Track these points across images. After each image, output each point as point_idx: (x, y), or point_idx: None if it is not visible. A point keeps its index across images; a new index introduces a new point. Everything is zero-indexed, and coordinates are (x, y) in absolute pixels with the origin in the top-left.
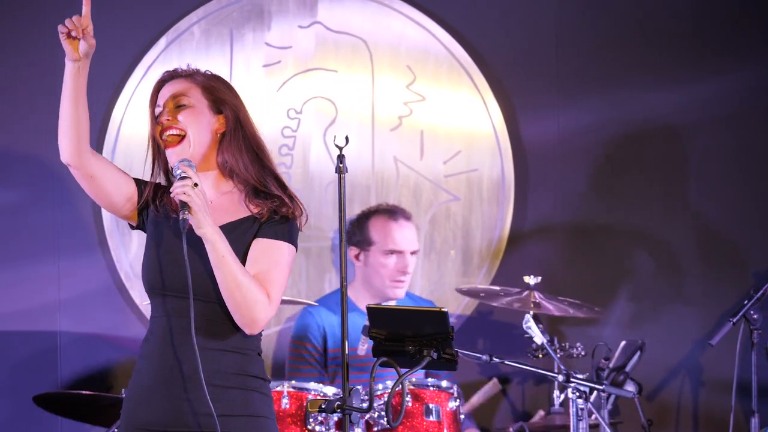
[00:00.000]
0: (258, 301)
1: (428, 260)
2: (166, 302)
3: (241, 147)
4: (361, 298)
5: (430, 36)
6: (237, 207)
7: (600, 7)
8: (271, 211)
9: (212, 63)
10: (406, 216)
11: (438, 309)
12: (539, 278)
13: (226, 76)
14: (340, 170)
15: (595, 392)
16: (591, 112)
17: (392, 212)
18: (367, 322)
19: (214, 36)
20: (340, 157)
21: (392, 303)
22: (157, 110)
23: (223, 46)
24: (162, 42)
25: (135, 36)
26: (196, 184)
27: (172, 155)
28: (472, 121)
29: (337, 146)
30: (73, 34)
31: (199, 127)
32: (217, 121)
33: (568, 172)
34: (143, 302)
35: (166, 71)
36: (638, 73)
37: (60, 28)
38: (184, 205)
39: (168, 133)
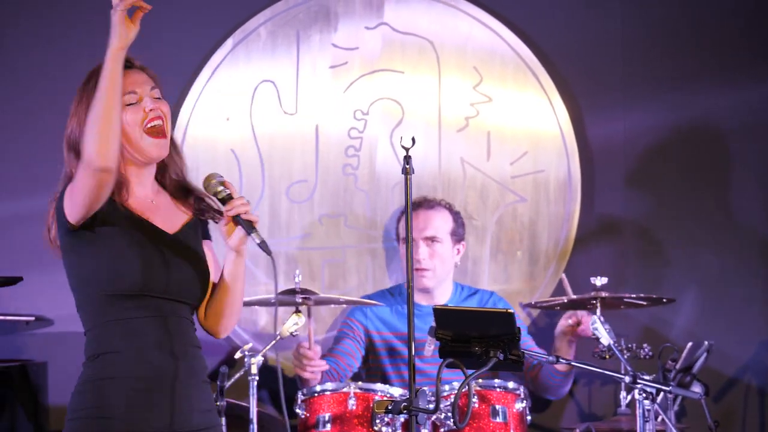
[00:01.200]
0: None
1: (495, 261)
2: (158, 304)
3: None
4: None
5: (497, 37)
6: (174, 207)
7: (665, 5)
8: (198, 211)
9: (279, 64)
10: (429, 205)
11: (504, 310)
12: (606, 279)
13: (292, 78)
14: (407, 171)
15: (661, 393)
16: (657, 112)
17: (416, 204)
18: (433, 323)
19: (281, 37)
20: (407, 159)
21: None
22: (133, 97)
23: (290, 47)
24: (229, 43)
25: (202, 37)
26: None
27: (155, 147)
28: (538, 121)
29: (403, 147)
30: (137, 4)
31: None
32: None
33: (635, 173)
34: None
35: (129, 58)
36: (707, 74)
37: (120, 3)
38: (251, 224)
39: (156, 123)
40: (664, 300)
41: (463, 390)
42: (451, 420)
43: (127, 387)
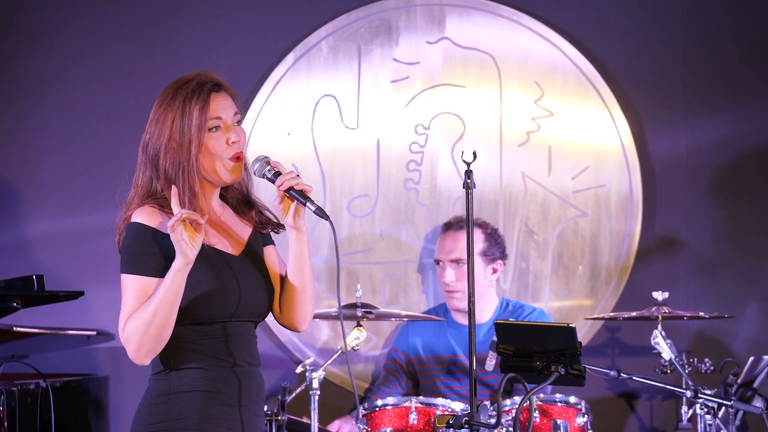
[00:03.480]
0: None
1: (556, 276)
2: (226, 326)
3: None
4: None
5: (558, 51)
6: (238, 222)
7: (726, 20)
8: (259, 225)
9: (340, 78)
10: (459, 226)
11: (566, 325)
12: (667, 293)
13: (354, 92)
14: (468, 186)
15: (723, 408)
16: (719, 127)
17: (448, 224)
18: (495, 338)
19: (342, 51)
20: (468, 173)
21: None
22: (218, 122)
23: (351, 62)
24: (290, 57)
25: (263, 52)
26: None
27: (233, 174)
28: (599, 136)
29: (464, 162)
30: (198, 220)
31: None
32: None
33: (697, 187)
34: None
35: (216, 80)
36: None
37: (184, 217)
38: (304, 194)
39: (239, 155)
40: (726, 316)
41: (525, 404)
42: None
43: (199, 401)
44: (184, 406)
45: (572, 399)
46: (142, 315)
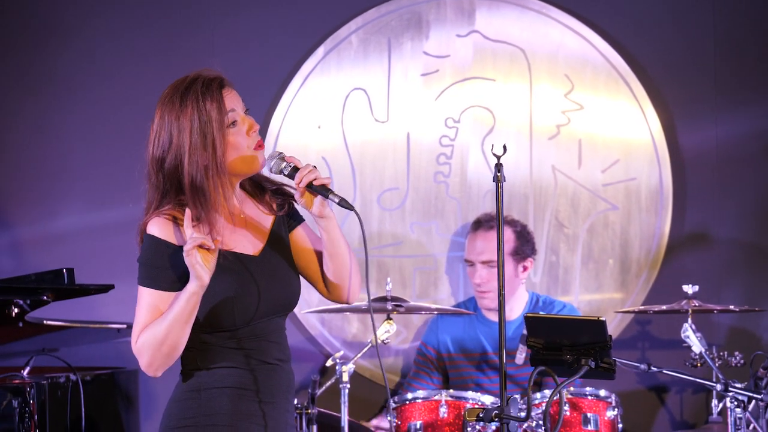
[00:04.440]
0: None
1: (586, 269)
2: (254, 326)
3: None
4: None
5: (588, 44)
6: (259, 213)
7: (757, 14)
8: (279, 207)
9: (370, 72)
10: (489, 226)
11: (596, 318)
12: (697, 287)
13: (384, 85)
14: (498, 179)
15: (753, 401)
16: (750, 120)
17: (478, 223)
18: (524, 331)
19: (373, 44)
20: (498, 166)
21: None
22: (235, 116)
23: (381, 55)
24: (320, 51)
25: (293, 45)
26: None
27: (260, 162)
28: (630, 129)
29: (494, 155)
30: (210, 245)
31: None
32: None
33: (727, 181)
34: None
35: (219, 76)
36: None
37: (201, 242)
38: (325, 188)
39: (261, 148)
40: (756, 309)
41: (555, 398)
42: (543, 428)
43: (230, 397)
44: (214, 402)
45: (602, 392)
46: (155, 332)
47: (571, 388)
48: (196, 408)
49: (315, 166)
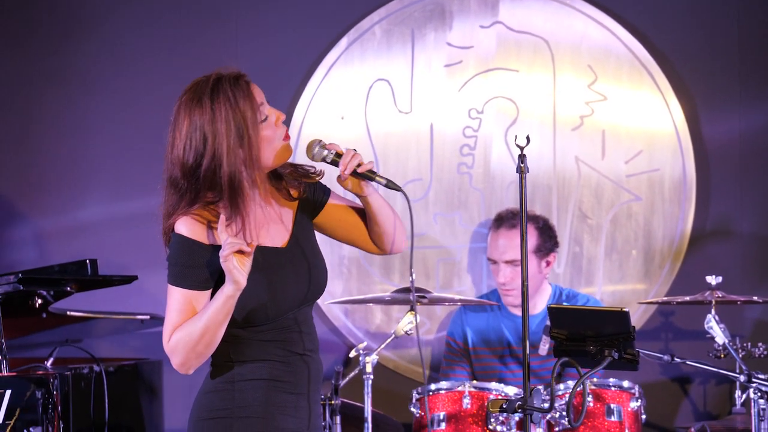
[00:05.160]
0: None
1: (609, 260)
2: (285, 318)
3: None
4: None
5: (612, 35)
6: (282, 202)
7: None
8: (304, 186)
9: (393, 63)
10: (512, 224)
11: (619, 309)
12: (720, 278)
13: (407, 76)
14: (522, 170)
15: None
16: None
17: (499, 220)
18: (548, 322)
19: (396, 36)
20: (522, 157)
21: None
22: (265, 109)
23: (405, 46)
24: (343, 42)
25: (316, 36)
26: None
27: (289, 151)
28: (653, 120)
29: (518, 146)
30: (246, 250)
31: None
32: None
33: (751, 171)
34: None
35: (240, 71)
36: None
37: (236, 247)
38: (371, 173)
39: (288, 138)
40: None
41: (578, 389)
42: (566, 419)
43: (264, 389)
44: (249, 393)
45: (626, 383)
46: (190, 332)
47: (595, 379)
48: (229, 400)
49: (356, 150)
